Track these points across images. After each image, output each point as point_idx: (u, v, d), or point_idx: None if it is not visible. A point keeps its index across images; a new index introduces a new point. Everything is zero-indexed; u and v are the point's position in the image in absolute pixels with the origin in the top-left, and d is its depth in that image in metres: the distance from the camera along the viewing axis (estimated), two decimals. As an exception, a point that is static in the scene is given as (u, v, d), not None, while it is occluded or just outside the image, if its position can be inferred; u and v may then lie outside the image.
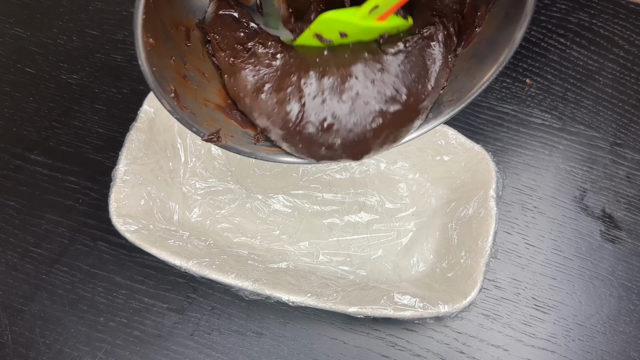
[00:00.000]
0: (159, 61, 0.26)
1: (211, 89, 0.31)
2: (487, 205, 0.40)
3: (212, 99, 0.30)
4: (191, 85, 0.29)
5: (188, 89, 0.29)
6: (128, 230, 0.39)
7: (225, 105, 0.31)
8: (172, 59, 0.28)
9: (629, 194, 0.47)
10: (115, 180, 0.40)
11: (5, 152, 0.48)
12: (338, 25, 0.28)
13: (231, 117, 0.31)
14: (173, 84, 0.28)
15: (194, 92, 0.29)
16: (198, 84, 0.30)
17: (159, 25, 0.27)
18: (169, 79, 0.27)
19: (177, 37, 0.29)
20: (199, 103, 0.29)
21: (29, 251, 0.45)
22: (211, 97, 0.31)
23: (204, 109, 0.30)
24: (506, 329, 0.43)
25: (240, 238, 0.44)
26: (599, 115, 0.49)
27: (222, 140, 0.30)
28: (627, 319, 0.43)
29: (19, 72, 0.51)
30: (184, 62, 0.29)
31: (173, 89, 0.27)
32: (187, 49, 0.30)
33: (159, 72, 0.26)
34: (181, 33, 0.29)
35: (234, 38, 0.30)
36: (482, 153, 0.42)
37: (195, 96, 0.29)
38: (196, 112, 0.29)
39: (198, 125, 0.29)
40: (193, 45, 0.30)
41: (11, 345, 0.42)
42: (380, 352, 0.42)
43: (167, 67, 0.27)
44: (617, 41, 0.51)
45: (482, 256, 0.39)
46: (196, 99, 0.29)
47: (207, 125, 0.29)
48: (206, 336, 0.42)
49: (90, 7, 0.54)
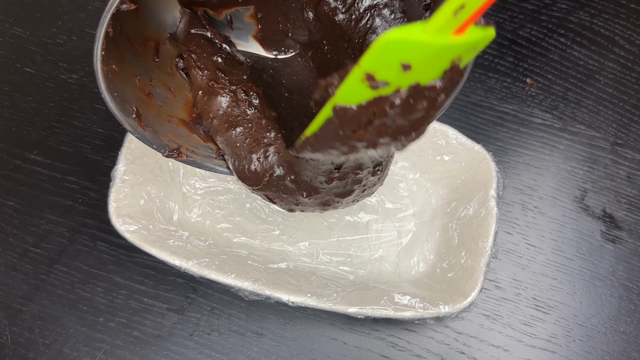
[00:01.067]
0: (121, 85, 0.27)
1: (176, 103, 0.31)
2: (488, 205, 0.40)
3: (176, 114, 0.31)
4: (155, 102, 0.30)
5: (151, 107, 0.30)
6: (127, 230, 0.39)
7: (190, 119, 0.32)
8: (137, 78, 0.29)
9: (630, 194, 0.47)
10: (115, 180, 0.40)
11: (4, 152, 0.48)
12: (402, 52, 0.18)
13: (194, 131, 0.32)
14: (136, 103, 0.28)
15: (157, 108, 0.30)
16: (163, 99, 0.31)
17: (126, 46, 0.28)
18: (131, 100, 0.28)
19: (145, 54, 0.30)
20: (162, 119, 0.30)
21: (28, 251, 0.45)
22: (175, 112, 0.31)
23: (167, 125, 0.30)
24: (507, 329, 0.43)
25: (240, 238, 0.44)
26: (600, 115, 0.49)
27: (182, 156, 0.30)
28: (628, 319, 0.43)
29: (18, 72, 0.51)
30: (150, 79, 0.30)
31: (135, 109, 0.28)
32: (155, 65, 0.30)
33: (120, 96, 0.27)
34: (150, 49, 0.30)
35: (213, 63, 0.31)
36: (482, 153, 0.42)
37: (159, 113, 0.30)
38: (158, 129, 0.30)
39: (159, 142, 0.30)
40: (161, 60, 0.31)
41: (11, 346, 0.42)
42: (380, 353, 0.42)
43: (130, 88, 0.28)
44: (618, 41, 0.51)
45: (483, 256, 0.39)
46: (159, 116, 0.30)
47: (168, 141, 0.30)
48: (206, 336, 0.42)
49: (89, 6, 0.53)
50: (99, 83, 0.26)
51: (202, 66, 0.31)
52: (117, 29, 0.26)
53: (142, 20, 0.29)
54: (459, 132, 0.42)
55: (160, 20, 0.31)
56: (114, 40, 0.26)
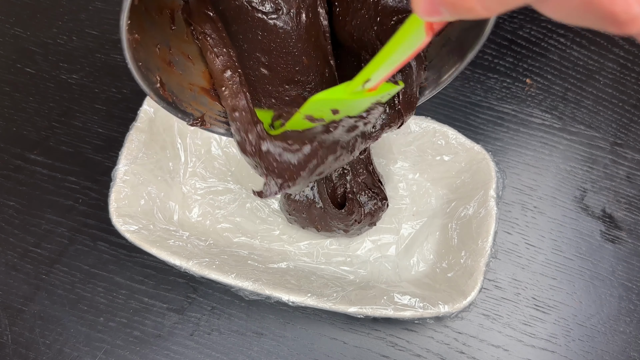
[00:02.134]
0: (144, 54, 0.27)
1: (195, 71, 0.32)
2: (487, 205, 0.40)
3: (196, 82, 0.31)
4: (176, 70, 0.30)
5: (173, 75, 0.30)
6: (128, 230, 0.39)
7: (209, 87, 0.32)
8: (157, 47, 0.29)
9: (629, 194, 0.47)
10: (115, 180, 0.40)
11: (5, 152, 0.48)
12: (329, 104, 0.27)
13: (215, 98, 0.32)
14: (158, 72, 0.28)
15: (178, 77, 0.30)
16: (183, 68, 0.31)
17: (144, 14, 0.28)
18: (154, 68, 0.28)
19: (162, 22, 0.30)
20: (183, 87, 0.30)
21: (28, 251, 0.45)
22: (196, 80, 0.31)
23: (189, 93, 0.31)
24: (506, 329, 0.43)
25: (240, 238, 0.44)
26: (599, 115, 0.49)
27: (206, 124, 0.31)
28: (627, 319, 0.43)
29: (19, 72, 0.51)
30: (169, 48, 0.30)
31: (158, 78, 0.28)
32: (172, 33, 0.30)
33: (144, 65, 0.27)
34: (165, 17, 0.30)
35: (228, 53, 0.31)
36: (482, 153, 0.42)
37: (180, 81, 0.30)
38: (181, 97, 0.30)
39: (183, 110, 0.30)
40: (177, 28, 0.31)
41: (11, 345, 0.42)
42: (380, 352, 0.42)
43: (152, 56, 0.28)
44: (618, 41, 0.51)
45: (482, 256, 0.39)
46: (181, 84, 0.30)
47: (192, 110, 0.30)
48: (206, 336, 0.42)
49: (90, 7, 0.53)
50: (125, 53, 0.26)
51: (218, 52, 0.31)
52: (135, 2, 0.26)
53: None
54: (458, 132, 0.42)
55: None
56: (134, 9, 0.26)
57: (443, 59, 0.31)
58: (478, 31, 0.27)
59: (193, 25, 0.31)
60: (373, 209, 0.42)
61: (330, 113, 0.28)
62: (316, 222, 0.42)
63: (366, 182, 0.42)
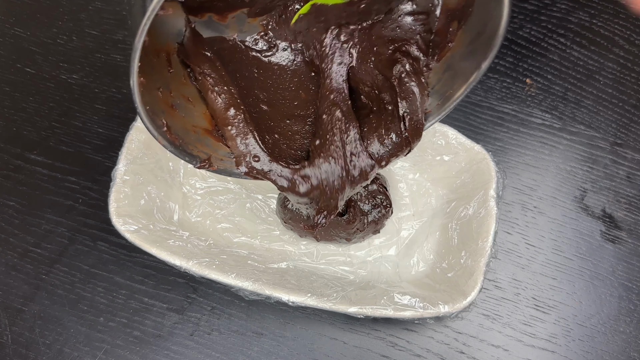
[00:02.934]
0: (149, 98, 0.27)
1: (196, 113, 0.31)
2: (487, 205, 0.40)
3: (199, 124, 0.31)
4: (179, 113, 0.30)
5: (176, 118, 0.30)
6: (128, 230, 0.39)
7: (212, 128, 0.32)
8: (159, 90, 0.29)
9: (630, 194, 0.47)
10: (115, 180, 0.40)
11: (5, 152, 0.48)
12: None
13: (219, 139, 0.32)
14: (163, 116, 0.28)
15: (181, 120, 0.30)
16: (184, 110, 0.30)
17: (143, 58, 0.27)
18: (159, 112, 0.28)
19: (160, 66, 0.30)
20: (187, 130, 0.30)
21: (28, 251, 0.45)
22: (198, 122, 0.31)
23: (193, 135, 0.30)
24: (506, 329, 0.43)
25: (240, 238, 0.44)
26: (599, 115, 0.49)
27: (213, 166, 0.31)
28: (628, 319, 0.43)
29: (19, 72, 0.51)
30: (170, 91, 0.30)
31: (164, 122, 0.28)
32: (170, 76, 0.30)
33: (151, 109, 0.27)
34: (163, 60, 0.30)
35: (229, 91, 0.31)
36: (482, 153, 0.42)
37: (184, 124, 0.30)
38: (187, 140, 0.30)
39: (190, 153, 0.30)
40: (175, 70, 0.31)
41: (11, 345, 0.42)
42: (380, 352, 0.42)
43: (156, 100, 0.28)
44: (618, 41, 0.51)
45: (483, 256, 0.39)
46: (185, 127, 0.30)
47: (197, 152, 0.30)
48: (206, 336, 0.42)
49: (90, 7, 0.53)
50: (135, 97, 0.25)
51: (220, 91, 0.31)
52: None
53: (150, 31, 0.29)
54: (458, 132, 0.42)
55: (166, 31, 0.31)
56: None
57: (446, 84, 0.31)
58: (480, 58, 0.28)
59: (191, 66, 0.31)
60: (377, 217, 0.41)
61: None
62: (315, 232, 0.42)
63: (369, 190, 0.41)
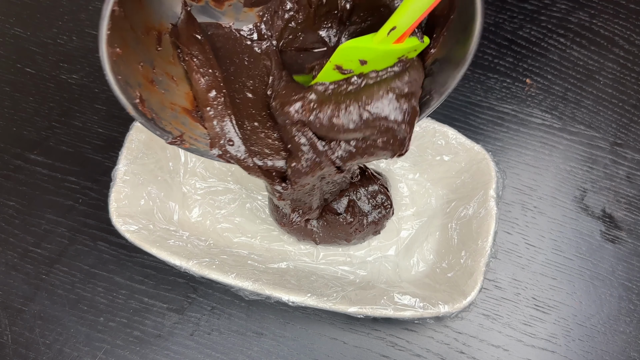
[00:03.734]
0: (125, 69, 0.27)
1: (179, 92, 0.32)
2: (487, 205, 0.40)
3: (178, 102, 0.31)
4: (158, 89, 0.30)
5: (154, 93, 0.30)
6: (128, 230, 0.39)
7: (192, 108, 0.32)
8: (140, 65, 0.29)
9: (629, 194, 0.47)
10: (115, 180, 0.40)
11: (5, 152, 0.48)
12: (358, 53, 0.28)
13: (197, 120, 0.32)
14: (139, 89, 0.29)
15: (160, 95, 0.30)
16: (165, 87, 0.31)
17: (129, 32, 0.28)
18: (134, 84, 0.28)
19: (148, 42, 0.30)
20: (164, 106, 0.30)
21: (29, 251, 0.45)
22: (178, 100, 0.31)
23: (170, 112, 0.31)
24: (506, 329, 0.43)
25: (240, 238, 0.44)
26: (599, 115, 0.49)
27: (185, 143, 0.31)
28: (627, 319, 0.43)
29: (19, 72, 0.51)
30: (153, 67, 0.30)
31: (138, 94, 0.28)
32: (157, 53, 0.31)
33: (124, 79, 0.27)
34: (152, 38, 0.30)
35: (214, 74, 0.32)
36: (482, 153, 0.42)
37: (162, 100, 0.30)
38: (161, 115, 0.30)
39: (162, 127, 0.30)
40: (164, 49, 0.31)
41: (11, 345, 0.42)
42: (380, 352, 0.42)
43: (134, 73, 0.28)
44: (617, 41, 0.51)
45: (482, 256, 0.39)
46: (162, 103, 0.30)
47: (171, 128, 0.30)
48: (206, 336, 0.42)
49: (90, 7, 0.53)
50: (103, 64, 0.26)
51: (204, 72, 0.31)
52: (121, 14, 0.26)
53: (145, 9, 0.29)
54: (458, 132, 0.42)
55: (162, 11, 0.31)
56: (118, 24, 0.26)
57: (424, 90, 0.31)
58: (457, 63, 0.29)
59: (180, 47, 0.31)
60: (377, 217, 0.41)
61: (359, 64, 0.29)
62: (314, 235, 0.42)
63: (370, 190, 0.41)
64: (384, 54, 0.29)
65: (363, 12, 0.32)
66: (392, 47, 0.28)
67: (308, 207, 0.39)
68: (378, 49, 0.28)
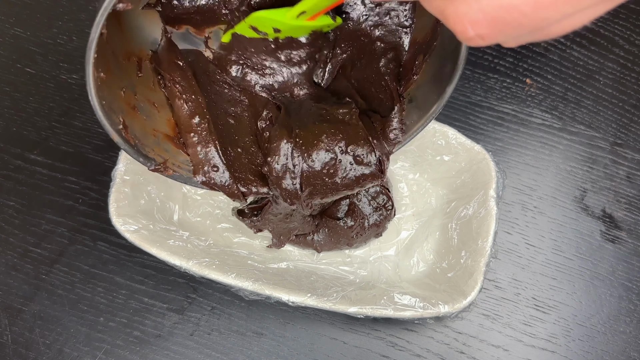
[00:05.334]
0: (109, 94, 0.27)
1: (160, 119, 0.32)
2: (487, 205, 0.40)
3: (160, 129, 0.31)
4: (140, 115, 0.30)
5: (137, 119, 0.30)
6: (128, 230, 0.39)
7: (174, 134, 0.32)
8: (122, 90, 0.29)
9: (629, 194, 0.47)
10: (115, 180, 0.40)
11: (5, 152, 0.48)
12: (271, 22, 0.30)
13: (179, 146, 0.32)
14: (122, 115, 0.28)
15: (142, 122, 0.30)
16: (147, 114, 0.31)
17: (111, 57, 0.28)
18: (117, 110, 0.28)
19: (129, 68, 0.30)
20: (147, 133, 0.30)
21: (28, 251, 0.45)
22: (160, 127, 0.31)
23: (152, 138, 0.31)
24: (506, 329, 0.43)
25: (241, 238, 0.44)
26: (599, 115, 0.49)
27: (168, 170, 0.31)
28: (627, 319, 0.43)
29: (19, 72, 0.51)
30: (134, 93, 0.30)
31: (122, 120, 0.28)
32: (138, 80, 0.31)
33: (108, 104, 0.27)
34: (133, 64, 0.30)
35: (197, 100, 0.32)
36: (482, 153, 0.42)
37: (144, 126, 0.30)
38: (144, 141, 0.30)
39: (145, 154, 0.30)
40: (144, 75, 0.31)
41: (11, 345, 0.42)
42: (380, 352, 0.42)
43: (116, 98, 0.28)
44: (618, 41, 0.51)
45: (483, 256, 0.39)
46: (144, 129, 0.30)
47: (154, 155, 0.30)
48: (206, 336, 0.42)
49: (90, 7, 0.53)
50: (89, 88, 0.25)
51: (187, 99, 0.31)
52: (103, 39, 0.26)
53: (125, 35, 0.29)
54: (458, 132, 0.42)
55: (142, 37, 0.31)
56: (102, 49, 0.26)
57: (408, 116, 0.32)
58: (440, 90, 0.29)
59: (162, 73, 0.31)
60: (379, 219, 0.41)
61: (272, 31, 0.31)
62: (315, 244, 0.42)
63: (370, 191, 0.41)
64: (297, 28, 0.31)
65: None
66: (303, 24, 0.30)
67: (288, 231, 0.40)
68: (289, 23, 0.30)
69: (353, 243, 0.42)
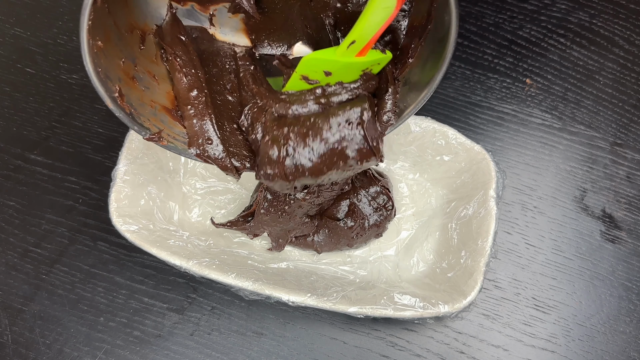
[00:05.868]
0: (106, 62, 0.28)
1: (159, 91, 0.32)
2: (487, 205, 0.40)
3: (159, 101, 0.32)
4: (139, 86, 0.30)
5: (134, 89, 0.30)
6: (128, 230, 0.39)
7: (172, 107, 0.32)
8: (121, 60, 0.29)
9: (629, 194, 0.47)
10: (115, 180, 0.40)
11: (5, 152, 0.48)
12: (322, 65, 0.30)
13: (176, 118, 0.32)
14: (119, 83, 0.29)
15: (140, 92, 0.31)
16: (146, 85, 0.31)
17: (112, 28, 0.28)
18: (114, 78, 0.29)
19: (131, 40, 0.30)
20: (144, 103, 0.31)
21: (29, 251, 0.45)
22: (158, 98, 0.32)
23: (149, 109, 0.31)
24: (506, 329, 0.43)
25: (240, 238, 0.44)
26: (599, 115, 0.49)
27: (163, 140, 0.31)
28: (627, 319, 0.43)
29: (19, 72, 0.51)
30: (135, 64, 0.30)
31: (118, 88, 0.29)
32: (140, 52, 0.31)
33: (104, 72, 0.28)
34: (136, 37, 0.31)
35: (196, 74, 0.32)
36: (482, 153, 0.42)
37: (142, 96, 0.31)
38: (140, 111, 0.30)
39: (140, 123, 0.30)
40: (147, 48, 0.31)
41: (11, 345, 0.42)
42: (380, 352, 0.42)
43: (114, 67, 0.29)
44: (617, 41, 0.51)
45: (482, 256, 0.39)
46: (142, 99, 0.31)
47: (149, 125, 0.31)
48: (206, 336, 0.42)
49: None
50: (83, 53, 0.26)
51: (187, 72, 0.31)
52: (105, 10, 0.26)
53: (130, 8, 0.30)
54: (458, 132, 0.42)
55: (148, 12, 0.31)
56: (101, 18, 0.26)
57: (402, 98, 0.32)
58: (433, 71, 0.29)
59: (164, 47, 0.32)
60: (379, 220, 0.41)
61: (324, 75, 0.30)
62: (315, 245, 0.42)
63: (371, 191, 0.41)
64: (347, 66, 0.30)
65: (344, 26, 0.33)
66: (354, 60, 0.29)
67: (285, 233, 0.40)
68: (340, 61, 0.29)
69: (353, 243, 0.42)
